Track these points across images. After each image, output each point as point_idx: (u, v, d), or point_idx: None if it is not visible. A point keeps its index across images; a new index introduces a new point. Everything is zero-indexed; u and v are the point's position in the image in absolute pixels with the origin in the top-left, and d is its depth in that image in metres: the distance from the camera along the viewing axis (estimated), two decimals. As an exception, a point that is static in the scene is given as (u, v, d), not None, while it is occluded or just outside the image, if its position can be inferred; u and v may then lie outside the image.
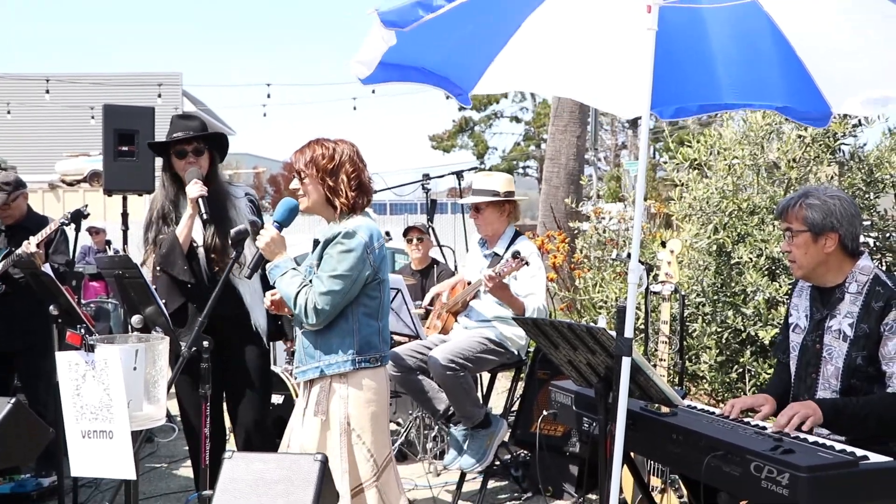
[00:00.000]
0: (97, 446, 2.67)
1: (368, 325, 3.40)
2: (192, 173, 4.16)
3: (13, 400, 3.39)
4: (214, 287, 3.61)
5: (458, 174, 7.22)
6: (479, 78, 3.89)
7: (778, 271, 5.18)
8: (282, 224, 3.49)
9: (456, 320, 5.04)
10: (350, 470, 3.34)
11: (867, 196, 5.30)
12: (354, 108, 26.19)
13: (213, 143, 4.30)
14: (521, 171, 40.11)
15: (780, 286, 5.03)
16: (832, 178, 5.31)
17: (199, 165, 4.21)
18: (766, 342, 5.04)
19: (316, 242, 3.48)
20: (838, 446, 2.61)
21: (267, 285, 3.89)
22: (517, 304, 4.57)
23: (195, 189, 4.09)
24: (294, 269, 3.43)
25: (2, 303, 5.23)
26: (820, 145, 5.34)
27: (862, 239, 5.22)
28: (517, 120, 39.55)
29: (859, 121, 5.37)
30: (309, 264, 3.48)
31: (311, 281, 3.36)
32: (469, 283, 4.94)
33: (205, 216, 4.08)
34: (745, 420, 3.00)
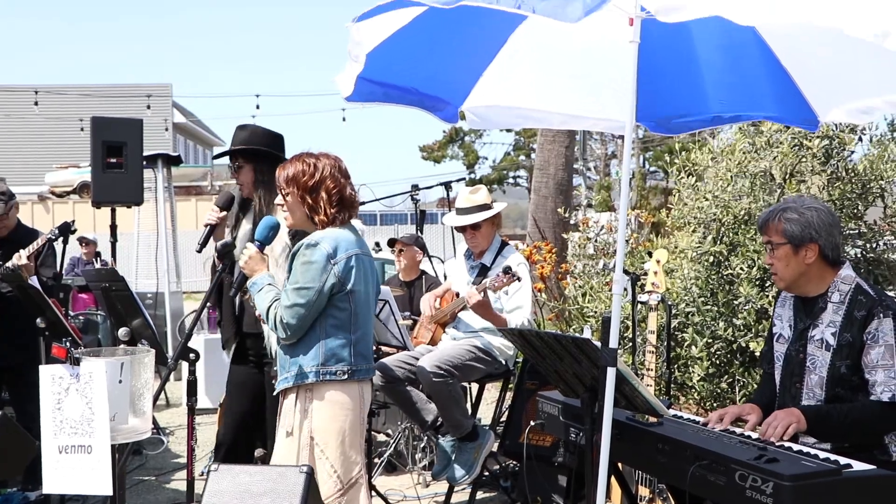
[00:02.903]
0: (74, 461, 2.66)
1: (337, 337, 3.35)
2: (219, 197, 4.21)
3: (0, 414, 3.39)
4: (241, 300, 3.70)
5: (447, 185, 7.24)
6: (468, 93, 3.92)
7: (768, 283, 5.20)
8: (262, 242, 3.50)
9: (444, 331, 5.05)
10: None
11: (856, 207, 5.33)
12: (344, 119, 26.33)
13: (257, 156, 4.19)
14: (511, 180, 40.17)
15: (770, 297, 5.05)
16: (822, 188, 5.34)
17: (240, 181, 4.19)
18: (756, 353, 5.05)
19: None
20: (822, 455, 2.63)
21: None
22: (499, 321, 4.60)
23: (207, 216, 4.16)
24: (270, 284, 3.43)
25: (-10, 316, 5.20)
26: (817, 158, 5.36)
27: (849, 249, 5.28)
28: (507, 130, 39.66)
29: (860, 137, 5.41)
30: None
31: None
32: (457, 295, 4.95)
33: (197, 245, 4.12)
34: (731, 429, 3.01)
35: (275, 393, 3.48)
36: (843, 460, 2.57)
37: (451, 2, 2.73)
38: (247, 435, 4.36)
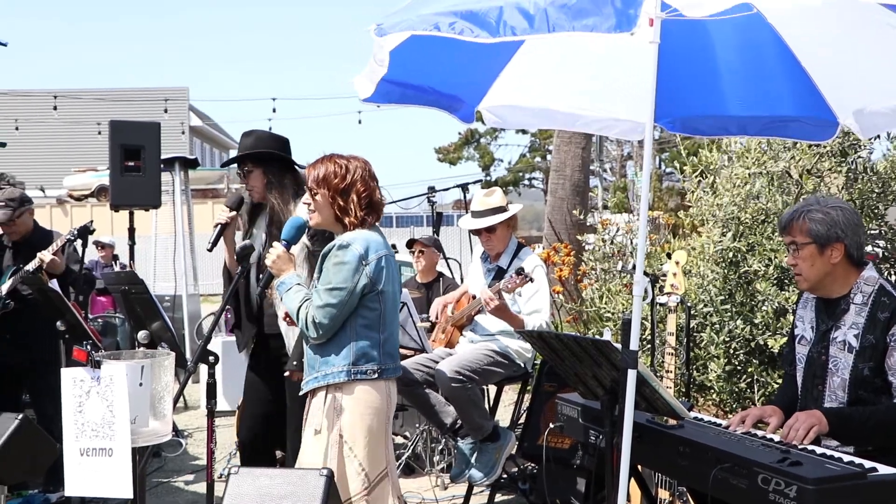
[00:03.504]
0: (95, 464, 2.67)
1: (367, 337, 3.38)
2: (229, 198, 4.26)
3: (20, 416, 3.41)
4: (261, 301, 3.80)
5: (464, 187, 7.25)
6: (485, 92, 3.91)
7: (787, 281, 5.17)
8: (289, 242, 3.53)
9: (462, 334, 5.04)
10: (339, 482, 3.31)
11: (877, 207, 5.29)
12: (360, 122, 26.45)
13: (265, 160, 4.23)
14: (526, 182, 40.11)
15: (788, 295, 5.02)
16: (841, 188, 5.30)
17: (250, 185, 4.24)
18: (775, 351, 5.02)
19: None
20: (846, 458, 2.60)
21: None
22: (517, 322, 4.58)
23: (217, 216, 4.21)
24: (299, 284, 3.45)
25: (11, 319, 5.25)
26: (834, 156, 5.32)
27: (869, 248, 5.24)
28: (523, 131, 39.58)
29: (877, 136, 5.36)
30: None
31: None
32: (474, 297, 4.94)
33: (209, 245, 4.16)
34: (753, 432, 2.99)
35: (301, 392, 3.50)
36: (867, 463, 2.54)
37: (491, 35, 2.71)
38: (267, 436, 4.37)
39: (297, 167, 4.31)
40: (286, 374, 4.10)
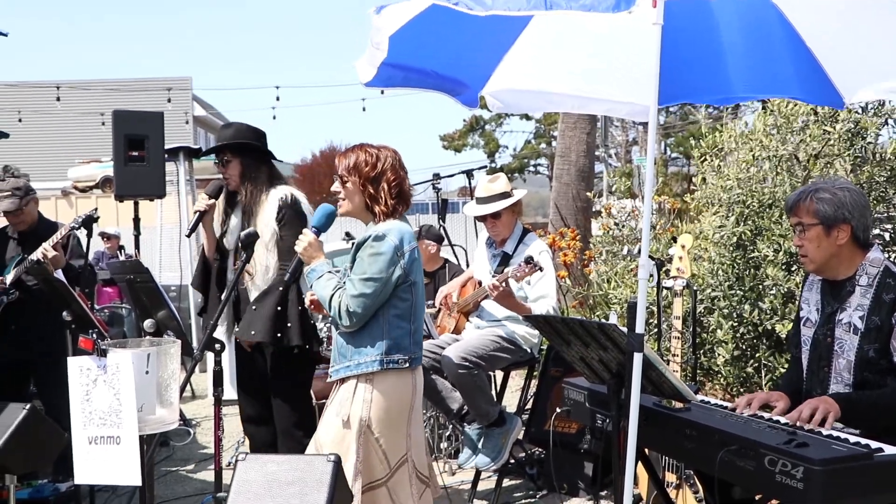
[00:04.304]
0: (104, 452, 2.68)
1: (399, 327, 3.41)
2: (209, 186, 4.41)
3: (28, 406, 3.42)
4: (231, 289, 3.89)
5: (469, 173, 7.23)
6: (488, 76, 3.88)
7: (795, 266, 5.15)
8: (319, 229, 3.55)
9: (468, 320, 5.04)
10: (364, 469, 3.37)
11: (885, 191, 5.26)
12: (364, 109, 26.40)
13: (243, 150, 4.37)
14: (531, 168, 40.05)
15: (798, 280, 5.00)
16: (849, 173, 5.27)
17: (227, 175, 4.38)
18: (783, 336, 5.01)
19: (347, 235, 3.55)
20: (852, 439, 2.60)
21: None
22: (523, 309, 4.58)
23: (197, 203, 4.39)
24: (330, 272, 3.49)
25: (16, 310, 5.25)
26: (843, 140, 5.29)
27: (876, 231, 5.21)
28: (527, 118, 39.49)
29: (886, 121, 5.33)
30: (345, 266, 3.53)
31: (345, 283, 3.40)
32: (479, 284, 4.94)
33: (187, 231, 4.42)
34: (759, 414, 2.98)
35: (330, 380, 3.53)
36: (874, 444, 2.54)
37: (485, 8, 2.71)
38: (266, 411, 4.42)
39: (272, 160, 4.46)
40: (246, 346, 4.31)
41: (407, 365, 3.43)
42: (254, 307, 4.20)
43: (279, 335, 4.17)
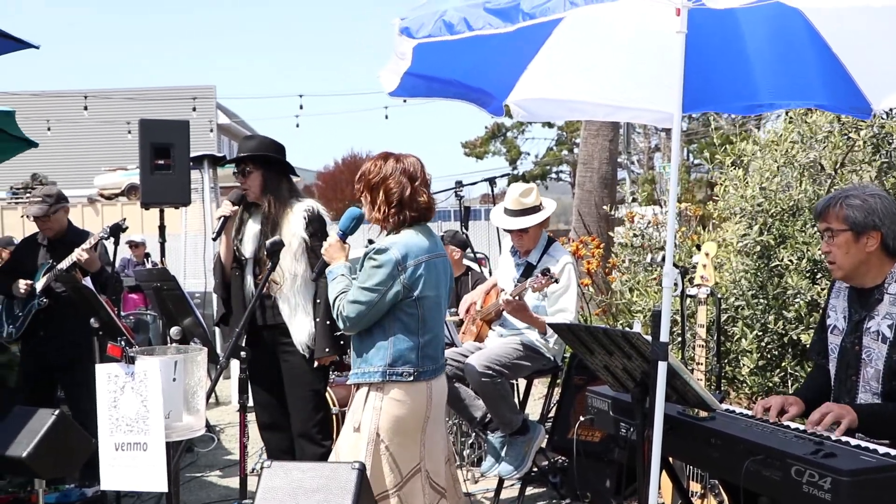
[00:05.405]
0: (130, 459, 2.71)
1: (404, 340, 3.42)
2: (231, 195, 4.45)
3: (57, 412, 3.46)
4: (258, 298, 3.96)
5: (491, 181, 7.22)
6: (512, 85, 3.89)
7: (819, 275, 5.11)
8: (345, 233, 3.61)
9: (491, 328, 5.04)
10: (374, 477, 3.37)
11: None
12: (386, 117, 26.44)
13: (265, 163, 4.41)
14: (554, 175, 39.95)
15: (821, 289, 4.96)
16: (874, 180, 5.22)
17: (246, 186, 4.40)
18: (808, 345, 4.96)
19: (370, 242, 3.60)
20: (881, 450, 2.57)
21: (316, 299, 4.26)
22: (538, 324, 4.59)
23: (221, 209, 4.42)
24: (343, 274, 3.52)
25: (45, 317, 5.32)
26: (869, 147, 5.24)
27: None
28: (549, 125, 39.40)
29: None
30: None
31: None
32: (503, 291, 4.94)
33: (213, 235, 4.43)
34: (785, 423, 2.96)
35: (348, 382, 3.57)
36: (903, 455, 2.51)
37: (508, 26, 2.73)
38: (283, 418, 4.44)
39: (292, 174, 4.53)
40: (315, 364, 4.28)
41: (411, 378, 3.42)
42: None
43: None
